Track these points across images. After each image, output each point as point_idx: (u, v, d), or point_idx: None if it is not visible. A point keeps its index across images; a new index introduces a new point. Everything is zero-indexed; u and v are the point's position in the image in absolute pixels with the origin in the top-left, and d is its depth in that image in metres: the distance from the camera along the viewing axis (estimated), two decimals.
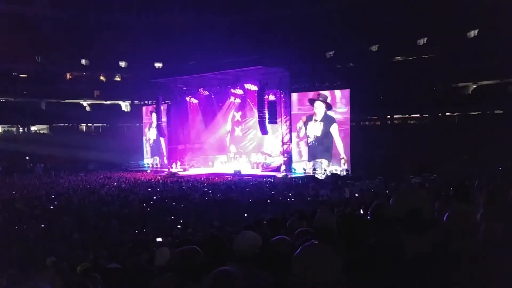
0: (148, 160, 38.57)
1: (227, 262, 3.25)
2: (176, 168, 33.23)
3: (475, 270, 2.17)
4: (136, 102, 46.29)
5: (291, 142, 29.60)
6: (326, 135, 27.87)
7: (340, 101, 27.49)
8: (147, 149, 39.11)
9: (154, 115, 36.68)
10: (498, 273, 2.18)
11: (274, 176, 27.02)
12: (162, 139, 36.85)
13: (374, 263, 2.32)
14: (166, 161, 36.30)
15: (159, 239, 9.36)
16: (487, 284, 2.14)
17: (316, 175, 27.07)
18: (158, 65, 47.55)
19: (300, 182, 24.77)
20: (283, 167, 28.27)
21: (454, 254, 2.37)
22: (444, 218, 2.68)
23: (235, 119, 35.03)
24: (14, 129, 45.12)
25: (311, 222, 4.90)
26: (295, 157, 29.34)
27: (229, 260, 3.30)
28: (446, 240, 2.61)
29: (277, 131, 30.49)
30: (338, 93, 27.74)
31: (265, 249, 3.30)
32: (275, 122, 28.25)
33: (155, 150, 38.22)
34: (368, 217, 3.84)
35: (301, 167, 28.65)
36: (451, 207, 2.86)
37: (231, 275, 2.47)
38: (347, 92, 27.48)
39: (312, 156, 28.52)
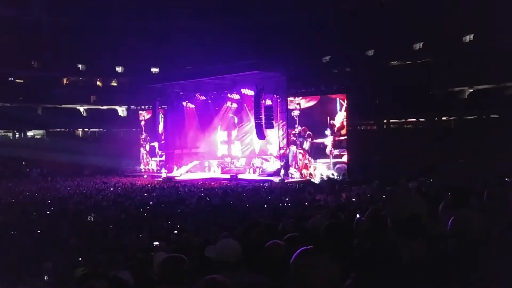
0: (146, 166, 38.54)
1: (221, 268, 3.25)
2: (172, 173, 33.18)
3: (472, 272, 2.19)
4: (132, 107, 46.21)
5: (288, 146, 29.60)
6: None
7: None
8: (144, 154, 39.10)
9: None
10: (495, 275, 2.19)
11: (271, 180, 27.01)
12: (156, 144, 36.89)
13: (371, 267, 2.34)
14: (156, 167, 36.46)
15: (156, 243, 9.35)
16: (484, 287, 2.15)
17: (312, 180, 27.14)
18: (154, 70, 47.60)
19: (297, 186, 24.77)
20: (282, 171, 28.31)
21: (451, 257, 2.38)
22: (449, 223, 2.69)
23: (232, 124, 35.06)
24: (10, 134, 45.04)
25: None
26: None
27: (224, 267, 3.30)
28: (451, 245, 2.62)
29: (274, 135, 30.51)
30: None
31: (259, 254, 3.31)
32: (272, 127, 28.25)
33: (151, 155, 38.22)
34: (365, 222, 3.86)
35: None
36: (453, 212, 2.86)
37: (220, 283, 2.47)
38: None
39: None
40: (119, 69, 48.12)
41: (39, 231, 12.71)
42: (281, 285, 2.77)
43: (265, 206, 17.10)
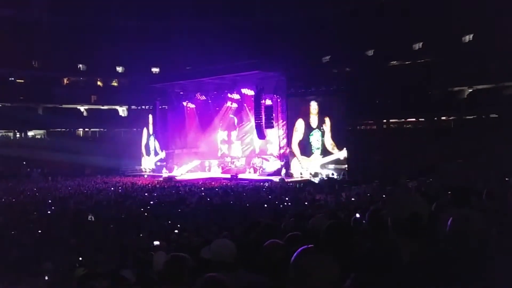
0: (145, 165, 38.50)
1: (219, 268, 3.26)
2: (172, 173, 33.18)
3: (472, 272, 2.19)
4: (133, 107, 46.12)
5: (288, 146, 29.61)
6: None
7: None
8: (143, 153, 39.09)
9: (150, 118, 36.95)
10: (495, 275, 2.19)
11: (271, 180, 27.01)
12: (157, 143, 36.87)
13: (371, 267, 2.34)
14: (154, 166, 36.51)
15: (156, 243, 9.35)
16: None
17: (312, 179, 27.16)
18: (155, 70, 47.53)
19: (297, 186, 24.77)
20: (283, 171, 28.33)
21: (451, 257, 2.38)
22: (449, 223, 2.68)
23: (232, 124, 35.05)
24: (11, 134, 45.00)
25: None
26: None
27: (221, 267, 3.30)
28: (451, 245, 2.61)
29: (274, 135, 30.51)
30: None
31: (259, 253, 3.31)
32: (272, 127, 28.28)
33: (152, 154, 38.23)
34: (365, 221, 3.86)
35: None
36: (453, 212, 2.85)
37: (219, 281, 2.48)
38: None
39: None
40: (119, 69, 48.06)
41: (39, 231, 12.71)
42: (280, 285, 2.77)
43: (265, 205, 17.10)
